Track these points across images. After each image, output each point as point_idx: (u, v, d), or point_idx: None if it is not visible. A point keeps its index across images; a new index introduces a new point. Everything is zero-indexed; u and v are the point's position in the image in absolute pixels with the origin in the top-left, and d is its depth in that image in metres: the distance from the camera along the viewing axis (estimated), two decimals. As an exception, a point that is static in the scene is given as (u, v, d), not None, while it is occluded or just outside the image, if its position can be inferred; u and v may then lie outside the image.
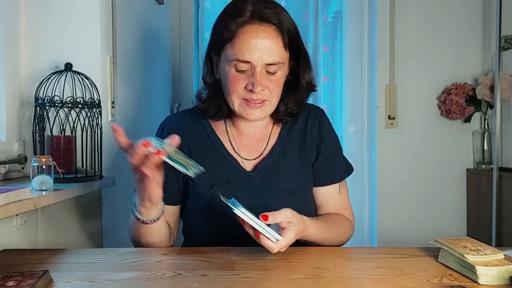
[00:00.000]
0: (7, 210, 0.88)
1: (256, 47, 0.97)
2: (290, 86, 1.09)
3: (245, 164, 1.09)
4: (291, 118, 1.12)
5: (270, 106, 1.03)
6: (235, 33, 0.99)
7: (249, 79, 0.99)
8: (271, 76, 1.00)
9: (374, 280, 0.76)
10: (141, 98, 1.78)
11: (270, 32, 0.99)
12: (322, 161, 1.11)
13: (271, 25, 0.99)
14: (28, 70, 1.29)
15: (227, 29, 0.99)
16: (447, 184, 2.34)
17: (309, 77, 1.10)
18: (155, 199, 0.90)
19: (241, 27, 0.99)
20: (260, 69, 0.98)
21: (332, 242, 1.05)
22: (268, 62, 0.98)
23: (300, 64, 1.07)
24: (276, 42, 0.99)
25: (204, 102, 1.10)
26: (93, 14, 1.32)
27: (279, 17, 1.00)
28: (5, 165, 1.20)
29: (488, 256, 0.76)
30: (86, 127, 1.23)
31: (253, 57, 0.97)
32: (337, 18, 2.30)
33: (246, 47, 0.97)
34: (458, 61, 2.32)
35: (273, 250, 0.83)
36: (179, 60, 2.35)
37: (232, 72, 1.00)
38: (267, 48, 0.98)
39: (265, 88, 1.00)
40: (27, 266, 0.84)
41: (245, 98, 1.01)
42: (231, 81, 1.00)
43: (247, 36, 0.98)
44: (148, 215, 0.94)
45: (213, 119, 1.11)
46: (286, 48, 1.01)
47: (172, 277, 0.77)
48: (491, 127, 2.22)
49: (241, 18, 0.99)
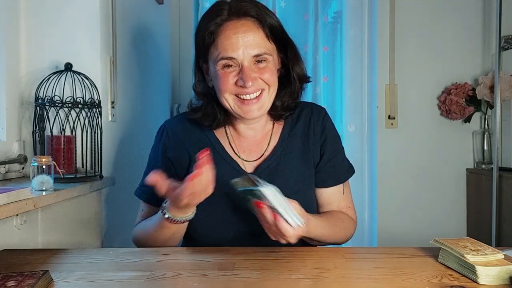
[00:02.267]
0: (7, 210, 0.88)
1: (239, 42, 0.98)
2: (283, 81, 1.09)
3: (246, 166, 1.08)
4: (289, 114, 1.11)
5: (268, 95, 1.02)
6: (216, 33, 1.00)
7: (238, 75, 0.99)
8: (261, 65, 1.00)
9: (374, 280, 0.76)
10: (141, 98, 1.78)
11: (249, 26, 0.99)
12: (326, 162, 1.11)
13: (250, 18, 1.00)
14: (28, 70, 1.29)
15: (207, 31, 1.00)
16: (447, 184, 2.34)
17: (300, 69, 1.09)
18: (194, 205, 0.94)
19: (220, 26, 1.00)
20: (247, 64, 0.98)
21: (334, 239, 1.05)
22: (254, 54, 0.98)
23: (288, 56, 1.07)
24: (257, 34, 0.99)
25: (196, 112, 1.09)
26: (93, 14, 1.32)
27: (256, 9, 1.00)
28: (5, 165, 1.20)
29: (488, 256, 0.76)
30: (86, 127, 1.23)
31: (238, 53, 0.98)
32: (337, 18, 2.30)
33: (228, 44, 0.98)
34: (458, 61, 2.32)
35: (290, 234, 0.83)
36: (179, 60, 2.35)
37: (220, 71, 1.00)
38: (250, 41, 0.98)
39: (256, 80, 0.99)
40: (27, 266, 0.84)
41: (238, 94, 1.00)
42: (221, 80, 1.00)
43: (228, 33, 0.98)
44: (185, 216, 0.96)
45: (211, 128, 1.10)
46: (270, 39, 1.02)
47: (172, 277, 0.77)
48: (491, 127, 2.22)
49: (220, 17, 1.00)
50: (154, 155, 1.13)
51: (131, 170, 1.56)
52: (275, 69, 1.05)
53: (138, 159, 1.59)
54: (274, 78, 1.03)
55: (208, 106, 1.08)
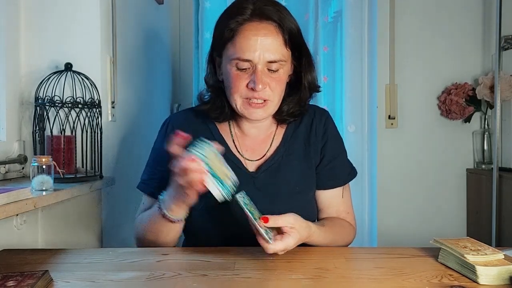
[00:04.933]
0: (7, 210, 0.88)
1: (257, 45, 0.97)
2: (293, 87, 1.09)
3: (248, 165, 1.09)
4: (294, 119, 1.11)
5: (273, 105, 1.03)
6: (236, 31, 0.99)
7: (250, 77, 0.99)
8: (273, 74, 1.00)
9: (374, 280, 0.76)
10: (141, 98, 1.78)
11: (270, 29, 0.99)
12: (326, 164, 1.11)
13: (272, 22, 0.99)
14: (28, 70, 1.29)
15: (227, 27, 1.00)
16: (447, 184, 2.34)
17: (312, 77, 1.09)
18: (191, 202, 0.91)
19: (241, 25, 0.99)
20: (261, 67, 0.98)
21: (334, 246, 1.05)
22: (269, 59, 0.98)
23: (302, 63, 1.07)
24: (276, 39, 0.99)
25: (206, 104, 1.10)
26: (93, 14, 1.32)
27: (279, 14, 1.00)
28: (5, 165, 1.20)
29: (488, 256, 0.76)
30: (86, 127, 1.23)
31: (254, 55, 0.97)
32: (337, 18, 2.30)
33: (246, 45, 0.98)
34: (458, 61, 2.32)
35: (268, 250, 0.83)
36: (179, 60, 2.35)
37: (233, 71, 1.00)
38: (268, 45, 0.98)
39: (266, 86, 0.99)
40: (27, 266, 0.84)
41: (247, 97, 1.00)
42: (233, 80, 1.00)
43: (248, 34, 0.98)
44: (178, 215, 0.95)
45: (217, 121, 1.11)
46: (287, 46, 1.01)
47: (172, 277, 0.77)
48: (491, 127, 2.22)
49: (242, 16, 0.99)
50: (160, 146, 1.11)
51: (131, 170, 1.56)
52: (285, 79, 1.05)
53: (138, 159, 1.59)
54: (281, 89, 1.03)
55: (218, 99, 1.08)
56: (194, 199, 0.90)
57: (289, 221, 0.86)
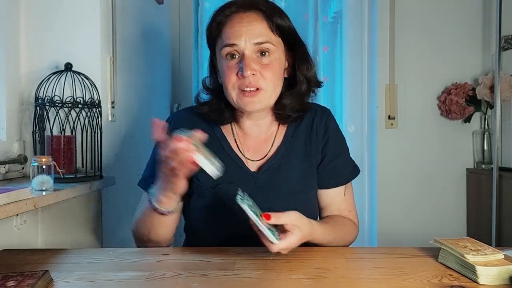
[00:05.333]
0: (7, 210, 0.88)
1: (242, 31, 1.00)
2: (292, 82, 1.09)
3: (249, 165, 1.08)
4: (296, 116, 1.10)
5: (266, 95, 1.01)
6: (223, 24, 1.02)
7: (239, 65, 1.00)
8: (263, 60, 1.00)
9: (374, 280, 0.76)
10: (141, 98, 1.78)
11: (255, 17, 1.01)
12: (327, 163, 1.10)
13: (257, 11, 1.02)
14: (28, 70, 1.29)
15: (215, 21, 1.04)
16: (447, 184, 2.34)
17: (310, 71, 1.08)
18: (179, 191, 0.91)
19: (227, 17, 1.02)
20: (248, 53, 0.99)
21: (336, 245, 1.04)
22: (255, 41, 0.99)
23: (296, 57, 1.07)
24: (261, 24, 1.01)
25: (203, 105, 1.11)
26: (93, 14, 1.32)
27: (265, 4, 1.03)
28: (5, 165, 1.20)
29: (488, 256, 0.76)
30: (86, 127, 1.23)
31: (240, 40, 0.99)
32: (337, 18, 2.30)
33: (232, 32, 1.00)
34: (458, 61, 2.32)
35: (272, 249, 0.83)
36: (179, 60, 2.35)
37: (224, 64, 1.02)
38: (253, 29, 1.00)
39: (256, 72, 0.99)
40: (27, 266, 0.84)
41: (240, 87, 1.00)
42: (225, 71, 1.01)
43: (233, 23, 1.01)
44: (167, 206, 0.95)
45: (217, 123, 1.11)
46: (274, 32, 1.02)
47: (172, 277, 0.77)
48: (491, 127, 2.22)
49: (229, 9, 1.03)
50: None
51: (131, 170, 1.56)
52: (280, 68, 1.04)
53: (138, 159, 1.58)
54: (274, 78, 1.02)
55: (217, 103, 1.09)
56: (182, 187, 0.90)
57: (291, 218, 0.87)
